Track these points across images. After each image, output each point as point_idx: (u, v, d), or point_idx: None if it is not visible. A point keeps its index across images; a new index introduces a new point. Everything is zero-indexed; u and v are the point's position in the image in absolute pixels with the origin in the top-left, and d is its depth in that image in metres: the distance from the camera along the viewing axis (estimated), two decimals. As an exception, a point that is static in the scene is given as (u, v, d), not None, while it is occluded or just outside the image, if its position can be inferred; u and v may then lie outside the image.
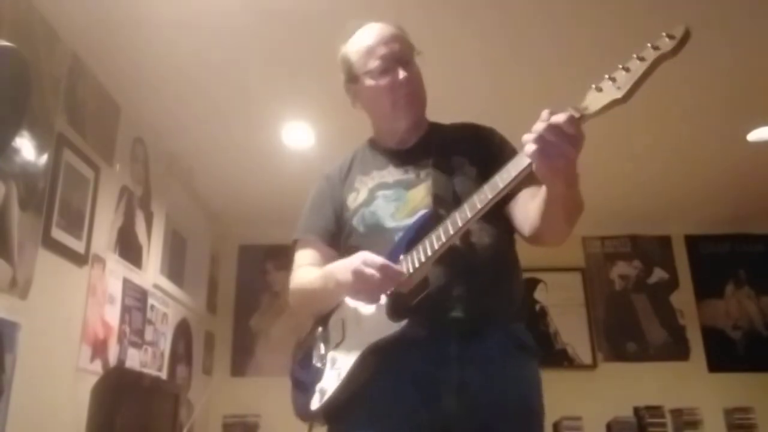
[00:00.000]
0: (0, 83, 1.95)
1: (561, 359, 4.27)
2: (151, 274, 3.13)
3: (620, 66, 0.92)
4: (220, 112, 2.98)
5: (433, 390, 1.13)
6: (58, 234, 2.22)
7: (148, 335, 3.06)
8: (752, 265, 4.49)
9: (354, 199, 1.34)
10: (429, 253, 1.11)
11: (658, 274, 4.50)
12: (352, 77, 1.38)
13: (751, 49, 2.57)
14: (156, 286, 3.18)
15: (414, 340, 1.12)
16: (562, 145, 0.93)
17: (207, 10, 2.28)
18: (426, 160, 1.31)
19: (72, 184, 2.34)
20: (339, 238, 1.35)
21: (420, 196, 1.26)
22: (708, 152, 3.46)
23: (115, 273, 2.70)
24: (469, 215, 1.06)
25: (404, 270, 1.13)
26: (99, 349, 2.51)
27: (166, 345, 3.32)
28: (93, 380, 2.37)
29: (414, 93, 1.34)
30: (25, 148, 2.06)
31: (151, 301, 3.11)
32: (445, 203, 1.21)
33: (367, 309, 1.19)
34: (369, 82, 1.34)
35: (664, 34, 0.89)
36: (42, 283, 2.10)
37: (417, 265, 1.12)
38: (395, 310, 1.13)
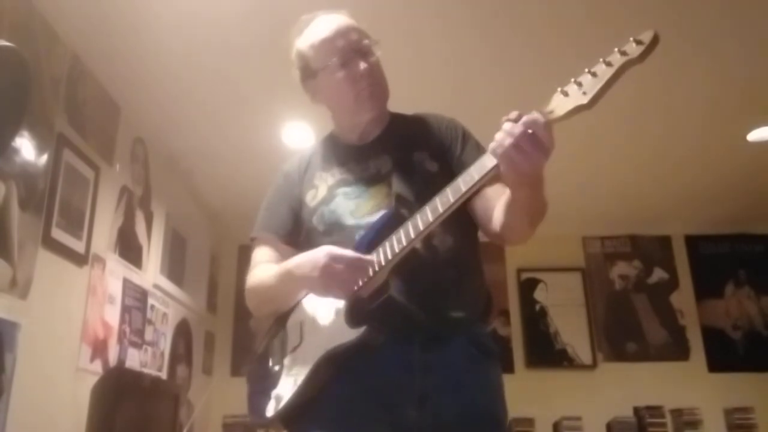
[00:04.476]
0: (0, 83, 1.94)
1: (561, 359, 4.27)
2: (151, 274, 3.13)
3: (587, 70, 0.89)
4: (220, 112, 2.98)
5: (393, 400, 1.09)
6: (58, 234, 2.22)
7: (148, 335, 3.06)
8: (752, 265, 4.49)
9: (313, 197, 1.29)
10: (389, 256, 1.07)
11: (658, 274, 4.50)
12: (309, 73, 1.32)
13: (751, 49, 2.56)
14: (156, 286, 3.19)
15: (373, 348, 1.08)
16: (535, 153, 0.91)
17: (206, 11, 2.28)
18: (387, 156, 1.27)
19: (72, 184, 2.34)
20: (297, 236, 1.31)
21: (381, 195, 1.22)
22: (708, 152, 3.46)
23: (115, 273, 2.70)
24: (431, 218, 1.03)
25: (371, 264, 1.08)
26: (99, 349, 2.51)
27: (166, 345, 3.32)
28: (93, 380, 2.37)
29: (376, 84, 1.29)
30: (25, 148, 2.06)
31: (151, 301, 3.11)
32: (406, 203, 1.17)
33: (325, 313, 1.15)
34: (329, 76, 1.28)
35: (632, 39, 0.86)
36: (42, 283, 2.10)
37: (377, 268, 1.08)
38: (354, 315, 1.09)
